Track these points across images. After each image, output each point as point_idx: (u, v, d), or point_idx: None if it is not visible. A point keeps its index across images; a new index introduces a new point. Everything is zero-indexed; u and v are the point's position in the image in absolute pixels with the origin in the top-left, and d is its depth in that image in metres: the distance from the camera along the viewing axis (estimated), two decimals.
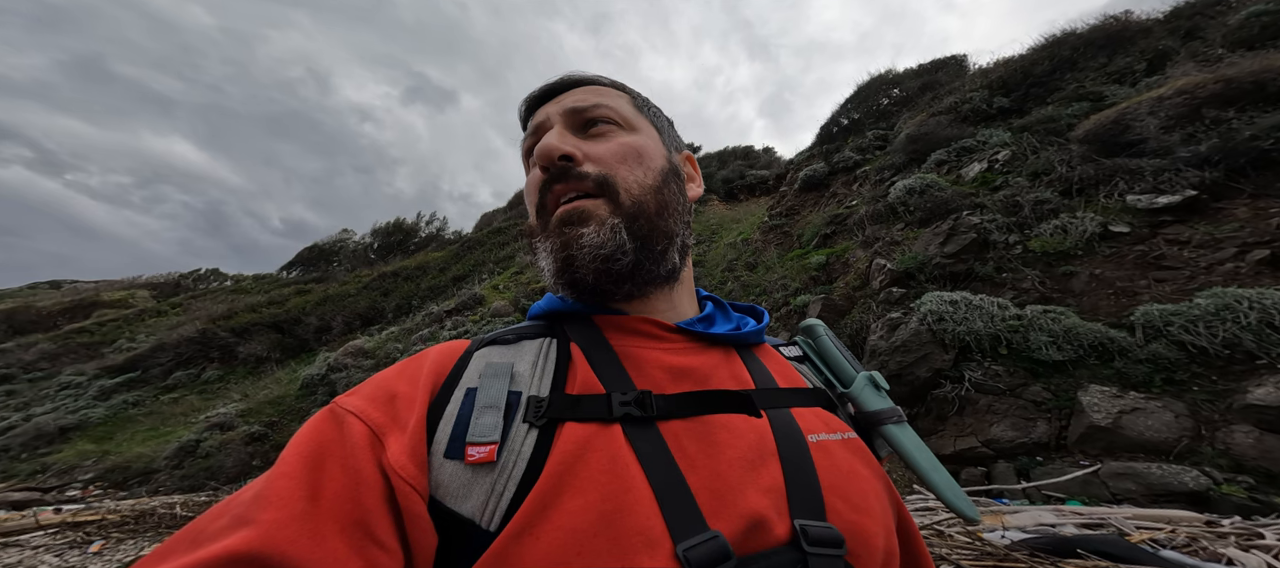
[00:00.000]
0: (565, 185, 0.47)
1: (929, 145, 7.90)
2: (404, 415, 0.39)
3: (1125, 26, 7.93)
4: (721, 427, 0.41)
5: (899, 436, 0.49)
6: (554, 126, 0.50)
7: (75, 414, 11.14)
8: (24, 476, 8.74)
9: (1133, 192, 4.79)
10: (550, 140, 0.47)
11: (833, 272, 7.03)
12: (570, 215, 0.46)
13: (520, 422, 0.39)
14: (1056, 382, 3.58)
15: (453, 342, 0.48)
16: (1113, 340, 3.55)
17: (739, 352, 0.51)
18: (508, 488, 0.36)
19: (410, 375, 0.43)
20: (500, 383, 0.42)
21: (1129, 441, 3.04)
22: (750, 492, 0.37)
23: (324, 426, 0.38)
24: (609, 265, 0.45)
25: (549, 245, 0.47)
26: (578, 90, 0.54)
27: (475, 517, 0.35)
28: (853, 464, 0.43)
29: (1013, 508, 2.57)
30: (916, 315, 4.33)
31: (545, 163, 0.47)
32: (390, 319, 13.77)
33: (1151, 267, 4.14)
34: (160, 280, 26.42)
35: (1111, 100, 6.35)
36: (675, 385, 0.44)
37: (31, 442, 10.10)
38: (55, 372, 15.14)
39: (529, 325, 0.51)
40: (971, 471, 3.48)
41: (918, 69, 12.09)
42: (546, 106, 0.53)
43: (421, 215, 24.57)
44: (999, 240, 5.07)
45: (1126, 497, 2.80)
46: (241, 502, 0.33)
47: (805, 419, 0.45)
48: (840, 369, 0.55)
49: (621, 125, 0.52)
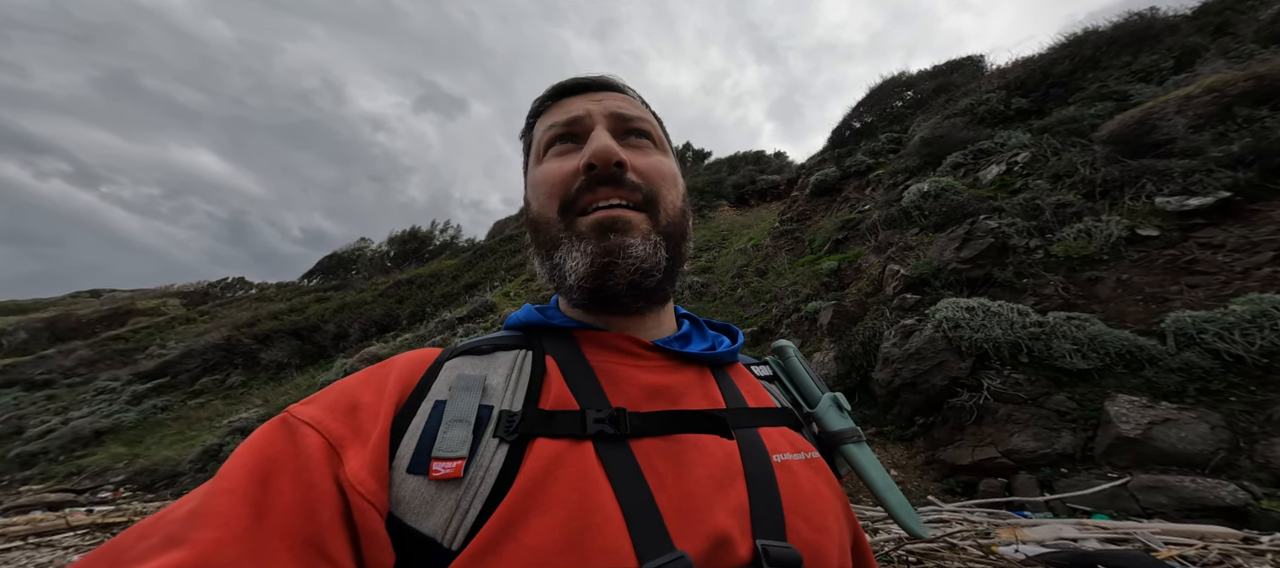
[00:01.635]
0: (613, 191, 0.45)
1: (944, 148, 7.75)
2: (366, 427, 0.37)
3: (1150, 24, 7.68)
4: (692, 446, 0.42)
5: (858, 455, 0.51)
6: (599, 126, 0.48)
7: (109, 418, 11.60)
8: (61, 477, 9.12)
9: (1161, 193, 4.61)
10: (608, 141, 0.46)
11: (845, 277, 6.91)
12: (616, 222, 0.44)
13: (490, 437, 0.39)
14: (1081, 391, 3.44)
15: (422, 350, 0.47)
16: (1142, 349, 3.41)
17: (713, 371, 0.51)
18: (474, 505, 0.35)
19: (375, 385, 0.41)
20: (471, 396, 0.41)
21: (1160, 453, 2.89)
22: (717, 512, 0.38)
23: (275, 436, 0.36)
24: (644, 279, 0.45)
25: (585, 247, 0.44)
26: (618, 96, 0.53)
27: (437, 535, 0.34)
28: (815, 484, 0.45)
29: (1032, 521, 2.47)
30: (931, 322, 4.22)
31: (602, 162, 0.45)
32: (405, 326, 14.03)
33: (1183, 271, 3.97)
34: (190, 289, 27.50)
35: (1137, 99, 6.15)
36: (650, 404, 0.44)
37: (68, 444, 10.54)
38: (92, 377, 15.82)
39: (504, 336, 0.50)
40: (991, 482, 3.36)
41: (932, 71, 11.91)
42: (581, 99, 0.51)
43: (436, 223, 25.08)
44: (1019, 245, 4.92)
45: (1158, 511, 2.67)
46: (173, 519, 0.31)
47: (772, 439, 0.46)
48: (807, 390, 0.56)
49: (657, 145, 0.52)
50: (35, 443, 10.63)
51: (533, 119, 0.55)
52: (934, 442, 3.82)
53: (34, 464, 9.96)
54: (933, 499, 3.31)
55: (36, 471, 9.66)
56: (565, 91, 0.53)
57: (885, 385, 4.29)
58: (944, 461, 3.65)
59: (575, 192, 0.46)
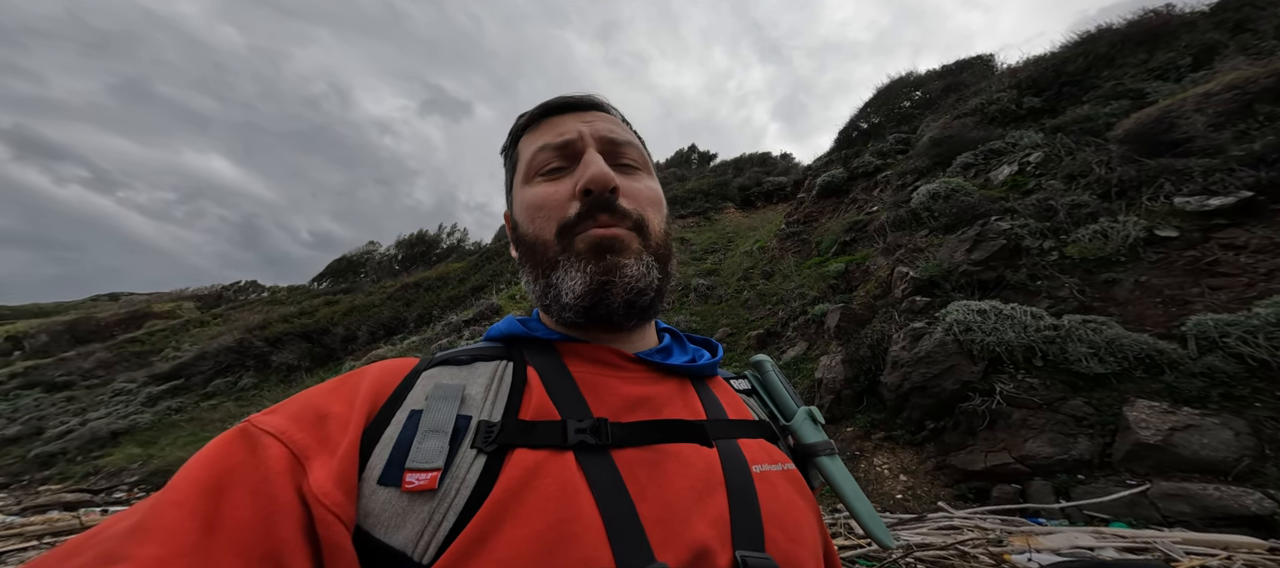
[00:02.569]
0: (609, 216, 0.46)
1: (954, 148, 7.65)
2: (335, 438, 0.36)
3: (1167, 21, 7.53)
4: (673, 456, 0.42)
5: (830, 467, 0.52)
6: (591, 148, 0.49)
7: (125, 419, 11.83)
8: (78, 477, 9.31)
9: (1180, 193, 4.50)
10: (604, 167, 0.46)
11: (852, 280, 6.84)
12: (613, 243, 0.45)
13: (468, 447, 0.38)
14: (1099, 396, 3.35)
15: (397, 359, 0.46)
16: (1162, 352, 3.31)
17: (693, 383, 0.52)
18: (447, 518, 0.34)
19: (346, 394, 0.40)
20: (449, 406, 0.40)
21: (1182, 459, 2.80)
22: (697, 523, 0.38)
23: (231, 447, 0.34)
24: (638, 299, 0.46)
25: (582, 267, 0.45)
26: (606, 117, 0.53)
27: (407, 549, 0.33)
28: (791, 495, 0.45)
29: (1047, 529, 2.40)
30: (941, 325, 4.15)
31: (599, 187, 0.46)
32: (412, 329, 14.15)
33: (1204, 273, 3.86)
34: (205, 292, 28.03)
35: (1154, 98, 6.02)
36: (631, 414, 0.44)
37: (86, 445, 10.76)
38: (110, 379, 16.16)
39: (485, 347, 0.49)
40: (1005, 488, 3.28)
41: (941, 70, 11.79)
42: (571, 119, 0.51)
43: (443, 227, 25.29)
44: (1032, 246, 4.83)
45: (1180, 520, 2.58)
46: (112, 534, 0.29)
47: (751, 450, 0.47)
48: (783, 403, 0.57)
49: (644, 169, 0.53)
50: (55, 443, 10.86)
51: (517, 135, 0.55)
52: (945, 447, 3.75)
53: (53, 464, 10.18)
54: (943, 505, 3.24)
55: (55, 471, 9.87)
56: (553, 110, 0.53)
57: (894, 389, 4.22)
58: (955, 466, 3.58)
59: (574, 217, 0.46)
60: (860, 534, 2.76)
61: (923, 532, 2.69)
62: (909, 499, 3.53)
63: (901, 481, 3.73)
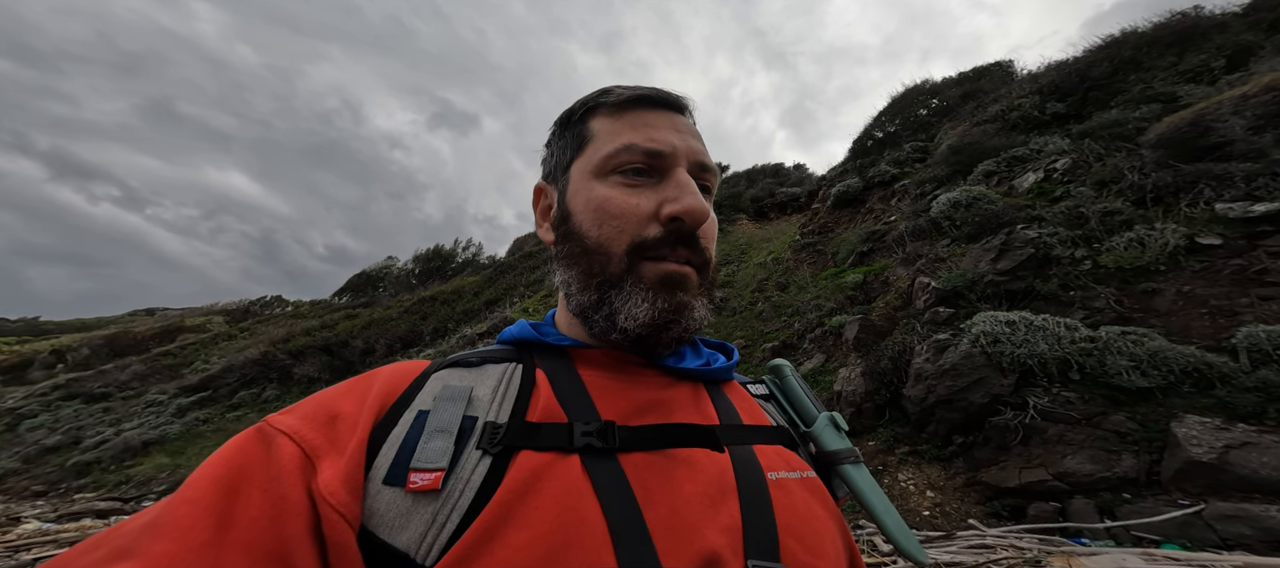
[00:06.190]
0: (689, 252, 0.44)
1: (974, 156, 7.49)
2: (344, 438, 0.36)
3: (1196, 23, 7.31)
4: (683, 461, 0.40)
5: (855, 476, 0.49)
6: (683, 168, 0.45)
7: (156, 430, 12.23)
8: (111, 486, 9.62)
9: (1222, 200, 4.29)
10: (702, 201, 0.44)
11: (871, 290, 6.69)
12: (685, 280, 0.44)
13: (473, 448, 0.37)
14: (1143, 411, 3.16)
15: (410, 361, 0.46)
16: (1211, 366, 3.12)
17: (707, 388, 0.50)
18: (451, 519, 0.33)
19: (357, 395, 0.40)
20: (455, 407, 0.39)
21: (1239, 479, 2.61)
22: (708, 530, 0.36)
23: (249, 446, 0.35)
24: (689, 337, 0.46)
25: (650, 298, 0.42)
26: (695, 131, 0.49)
27: (410, 550, 0.32)
28: (810, 504, 0.43)
29: (1090, 550, 2.25)
30: (967, 337, 4.00)
31: (692, 224, 0.43)
32: (428, 342, 14.35)
33: (1253, 282, 3.65)
34: (233, 307, 29.09)
35: (1187, 101, 5.81)
36: (640, 418, 0.43)
37: (119, 455, 11.14)
38: (143, 391, 16.77)
39: (495, 350, 0.49)
40: (1042, 506, 3.10)
41: (958, 77, 11.66)
42: (663, 121, 0.47)
43: (458, 241, 25.80)
44: (1063, 255, 4.65)
45: (1239, 542, 2.39)
46: (128, 531, 0.30)
47: (766, 457, 0.44)
48: (803, 409, 0.54)
49: (711, 196, 0.49)
50: (91, 453, 11.27)
51: (590, 109, 0.49)
52: (975, 462, 3.58)
53: (88, 473, 10.55)
54: (974, 523, 3.08)
55: (90, 479, 10.22)
56: (645, 101, 0.47)
57: (918, 403, 4.07)
58: (987, 483, 3.40)
59: (652, 240, 0.43)
60: (886, 551, 2.64)
61: (953, 551, 2.55)
62: (937, 517, 3.37)
63: (928, 497, 3.56)
